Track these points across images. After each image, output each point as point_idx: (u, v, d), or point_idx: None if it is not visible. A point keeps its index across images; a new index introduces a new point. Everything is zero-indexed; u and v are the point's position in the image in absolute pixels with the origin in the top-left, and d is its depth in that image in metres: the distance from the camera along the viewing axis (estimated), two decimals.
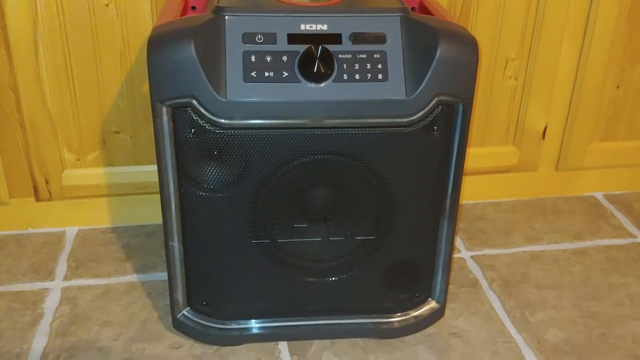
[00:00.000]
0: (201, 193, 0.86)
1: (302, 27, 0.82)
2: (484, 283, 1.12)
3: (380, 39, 0.82)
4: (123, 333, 0.99)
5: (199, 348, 0.96)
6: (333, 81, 0.81)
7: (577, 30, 1.21)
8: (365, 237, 0.92)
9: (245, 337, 0.97)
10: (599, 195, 1.38)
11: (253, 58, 0.80)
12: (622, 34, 1.23)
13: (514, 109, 1.27)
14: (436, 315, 1.00)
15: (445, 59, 0.82)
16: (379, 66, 0.82)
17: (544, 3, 1.17)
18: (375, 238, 0.92)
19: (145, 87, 1.14)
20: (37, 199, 1.20)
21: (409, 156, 0.86)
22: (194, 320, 0.96)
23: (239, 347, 0.97)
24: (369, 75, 0.82)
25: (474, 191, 1.33)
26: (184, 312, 0.96)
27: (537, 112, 1.27)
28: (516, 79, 1.24)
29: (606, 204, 1.35)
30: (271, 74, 0.80)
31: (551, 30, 1.20)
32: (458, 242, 1.22)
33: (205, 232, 0.89)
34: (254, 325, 0.96)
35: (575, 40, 1.22)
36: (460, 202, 0.94)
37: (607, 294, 1.10)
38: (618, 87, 1.28)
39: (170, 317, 0.98)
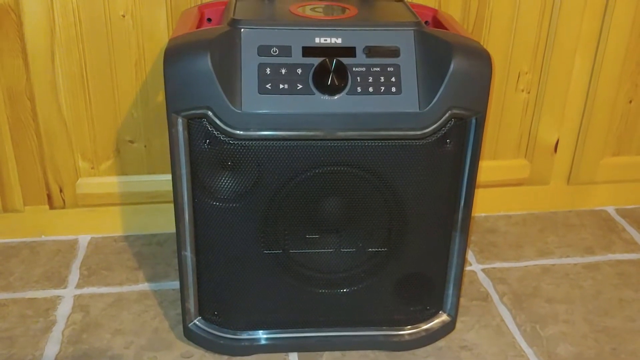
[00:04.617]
0: (214, 203, 0.87)
1: (317, 40, 0.82)
2: (495, 296, 1.11)
3: (394, 52, 0.83)
4: (134, 341, 0.99)
5: (209, 358, 0.97)
6: (347, 94, 0.82)
7: (590, 44, 1.21)
8: (376, 249, 0.92)
9: (256, 348, 0.97)
10: (610, 209, 1.38)
11: (268, 70, 0.81)
12: (635, 49, 1.23)
13: (526, 123, 1.27)
14: (447, 328, 1.00)
15: (458, 73, 0.82)
16: (393, 79, 0.83)
17: (557, 17, 1.17)
18: (386, 250, 0.92)
19: (160, 97, 1.15)
20: (51, 207, 1.21)
21: (421, 169, 0.86)
22: (205, 330, 0.96)
23: (249, 357, 0.97)
24: (383, 88, 0.82)
25: (486, 204, 1.33)
26: (195, 321, 0.96)
27: (550, 125, 1.27)
28: (528, 93, 1.24)
29: (618, 218, 1.35)
30: (286, 86, 0.81)
31: (564, 44, 1.20)
32: (469, 254, 1.22)
33: (218, 242, 0.90)
34: (265, 336, 0.97)
35: (588, 54, 1.22)
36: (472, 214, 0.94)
37: (619, 309, 1.09)
38: (631, 101, 1.28)
39: (181, 326, 0.98)
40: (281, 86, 0.81)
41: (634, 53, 1.23)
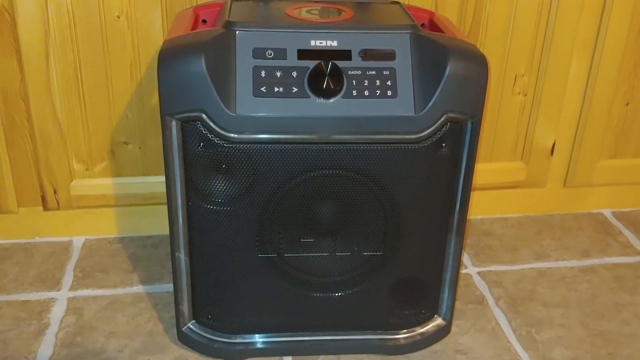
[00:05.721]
0: (209, 206, 0.86)
1: (312, 43, 0.82)
2: (490, 300, 1.11)
3: (390, 55, 0.83)
4: (128, 344, 0.99)
5: None
6: (342, 97, 0.81)
7: (587, 46, 1.21)
8: (372, 253, 0.92)
9: (250, 352, 0.96)
10: (607, 212, 1.37)
11: (263, 73, 0.81)
12: (632, 51, 1.22)
13: (522, 125, 1.27)
14: (442, 332, 1.00)
15: (454, 76, 0.82)
16: (388, 83, 0.82)
17: (554, 19, 1.17)
18: (382, 254, 0.92)
19: (155, 98, 1.14)
20: (45, 208, 1.20)
21: (417, 172, 0.86)
22: (199, 334, 0.96)
23: None
24: (378, 91, 0.82)
25: (482, 206, 1.33)
26: (190, 325, 0.96)
27: (546, 128, 1.27)
28: (525, 95, 1.24)
29: (614, 221, 1.34)
30: (281, 89, 0.81)
31: (561, 47, 1.20)
32: (465, 257, 1.22)
33: (212, 245, 0.89)
34: (259, 339, 0.96)
35: (584, 56, 1.22)
36: (467, 217, 0.94)
37: (615, 313, 1.09)
38: (627, 104, 1.28)
39: (175, 330, 0.98)
40: (276, 89, 0.81)
41: (630, 55, 1.23)
